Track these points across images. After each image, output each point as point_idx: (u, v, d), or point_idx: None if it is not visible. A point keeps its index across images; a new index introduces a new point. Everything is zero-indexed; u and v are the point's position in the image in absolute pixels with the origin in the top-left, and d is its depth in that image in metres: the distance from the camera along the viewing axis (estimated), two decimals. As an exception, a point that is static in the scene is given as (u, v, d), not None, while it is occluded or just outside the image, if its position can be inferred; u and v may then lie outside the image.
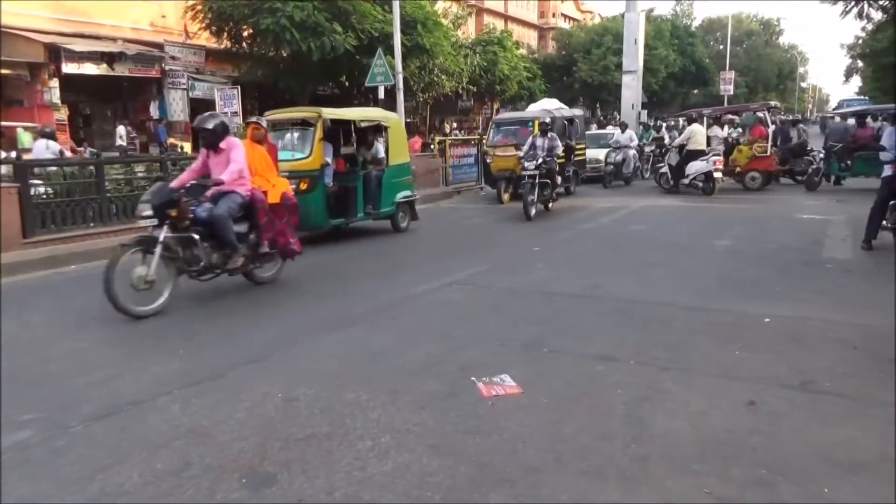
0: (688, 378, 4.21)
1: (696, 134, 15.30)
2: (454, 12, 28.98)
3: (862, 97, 44.19)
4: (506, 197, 14.09)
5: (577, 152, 15.56)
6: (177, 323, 5.71)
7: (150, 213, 5.78)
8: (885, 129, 19.66)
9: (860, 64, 41.85)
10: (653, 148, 20.57)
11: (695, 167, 14.72)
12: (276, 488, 2.97)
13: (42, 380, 4.40)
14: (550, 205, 12.54)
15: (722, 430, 3.47)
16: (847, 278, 6.91)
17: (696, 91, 51.36)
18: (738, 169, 15.55)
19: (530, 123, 14.61)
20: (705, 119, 16.79)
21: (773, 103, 18.77)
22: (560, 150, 12.54)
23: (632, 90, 27.15)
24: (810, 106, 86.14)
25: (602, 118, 36.84)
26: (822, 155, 15.47)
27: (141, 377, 4.37)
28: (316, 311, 6.01)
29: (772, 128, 15.85)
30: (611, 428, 3.50)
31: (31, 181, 8.62)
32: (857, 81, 51.63)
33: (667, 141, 19.38)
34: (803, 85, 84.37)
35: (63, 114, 17.89)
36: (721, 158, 14.86)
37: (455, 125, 34.89)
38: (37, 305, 6.56)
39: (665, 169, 15.91)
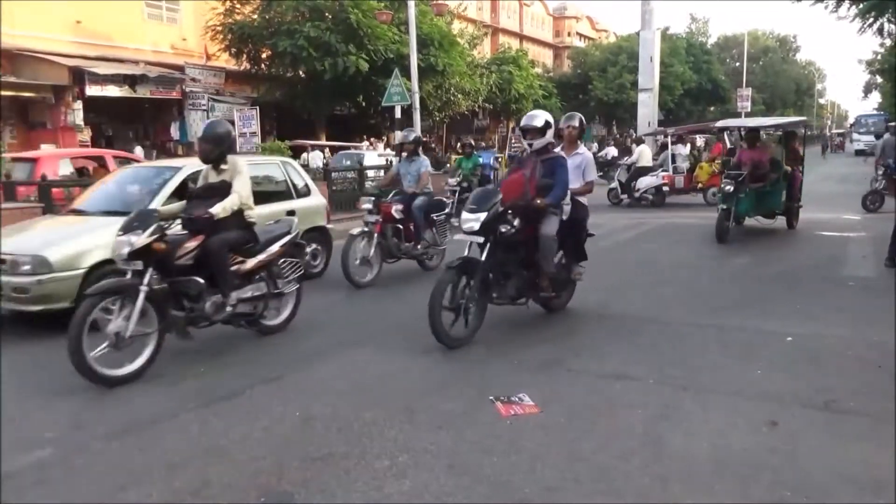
0: (705, 397, 4.17)
1: (644, 153, 17.05)
2: (470, 32, 29.24)
3: (880, 113, 43.82)
4: None
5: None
6: (193, 342, 5.75)
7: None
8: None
9: (879, 80, 41.52)
10: (455, 189, 13.63)
11: (645, 182, 16.25)
12: (294, 507, 2.98)
13: (61, 397, 4.45)
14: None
15: (741, 449, 3.43)
16: (867, 295, 6.81)
17: (712, 108, 51.25)
18: (699, 185, 16.23)
19: None
20: (670, 137, 17.31)
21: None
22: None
23: (648, 108, 27.10)
24: (829, 122, 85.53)
25: (618, 136, 36.85)
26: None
27: (159, 396, 4.41)
28: (329, 331, 6.03)
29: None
30: (629, 447, 3.48)
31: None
32: (876, 97, 51.21)
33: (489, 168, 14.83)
34: (821, 101, 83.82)
35: (86, 135, 18.23)
36: (670, 174, 16.31)
37: (472, 144, 34.99)
38: (56, 323, 6.61)
39: (615, 185, 17.20)
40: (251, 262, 5.44)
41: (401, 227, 8.07)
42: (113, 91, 18.35)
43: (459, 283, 5.24)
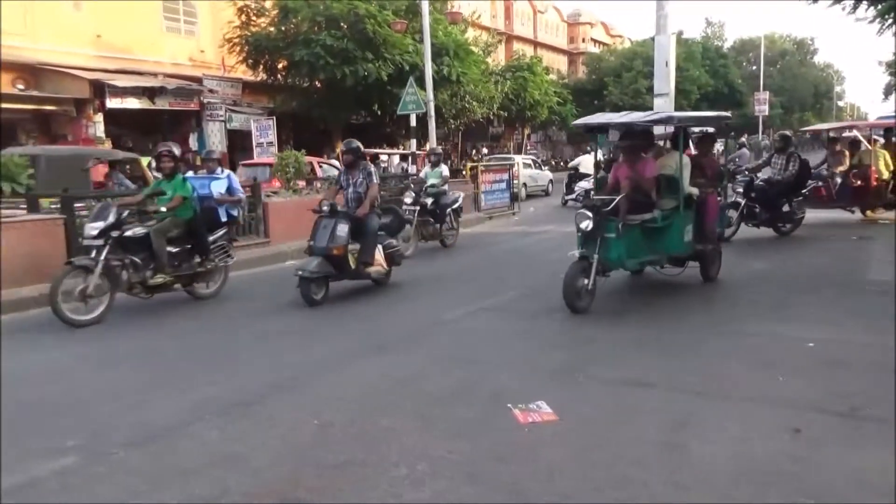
0: (724, 404, 4.13)
1: (585, 161, 19.21)
2: (484, 40, 29.30)
3: (902, 115, 43.24)
4: None
5: None
6: (210, 349, 5.80)
7: None
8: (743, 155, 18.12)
9: (899, 81, 40.98)
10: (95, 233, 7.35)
11: (580, 186, 17.43)
12: (312, 515, 2.99)
13: (84, 406, 4.49)
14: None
15: (761, 456, 3.39)
16: (886, 300, 6.70)
17: (729, 112, 50.86)
18: None
19: None
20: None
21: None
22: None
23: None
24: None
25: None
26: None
27: (177, 403, 4.44)
28: (346, 338, 6.04)
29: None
30: (647, 455, 3.45)
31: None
32: (896, 99, 50.48)
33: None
34: (840, 104, 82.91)
35: (107, 147, 18.49)
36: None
37: (486, 151, 35.08)
38: (76, 333, 6.67)
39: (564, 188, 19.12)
40: None
41: None
42: (133, 103, 18.60)
43: None
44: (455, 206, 11.73)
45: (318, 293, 7.24)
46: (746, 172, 11.27)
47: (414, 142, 19.14)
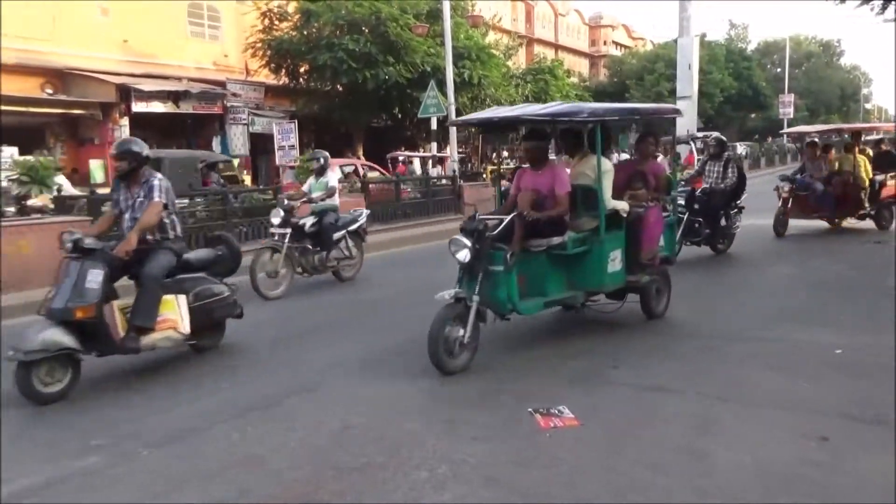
0: (746, 409, 4.07)
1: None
2: (505, 43, 29.28)
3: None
4: None
5: None
6: (232, 354, 5.84)
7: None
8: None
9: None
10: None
11: None
12: (331, 517, 2.99)
13: (105, 406, 4.55)
14: None
15: (784, 463, 3.34)
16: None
17: (753, 115, 50.24)
18: None
19: None
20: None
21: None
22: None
23: (687, 116, 26.75)
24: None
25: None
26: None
27: (198, 406, 4.48)
28: (367, 341, 6.04)
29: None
30: (668, 461, 3.41)
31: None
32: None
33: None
34: (868, 106, 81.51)
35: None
36: None
37: (507, 154, 35.00)
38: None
39: None
40: None
41: None
42: (157, 107, 18.88)
43: None
44: (354, 226, 8.71)
45: (56, 383, 4.50)
46: (683, 183, 9.80)
47: (434, 145, 19.20)
